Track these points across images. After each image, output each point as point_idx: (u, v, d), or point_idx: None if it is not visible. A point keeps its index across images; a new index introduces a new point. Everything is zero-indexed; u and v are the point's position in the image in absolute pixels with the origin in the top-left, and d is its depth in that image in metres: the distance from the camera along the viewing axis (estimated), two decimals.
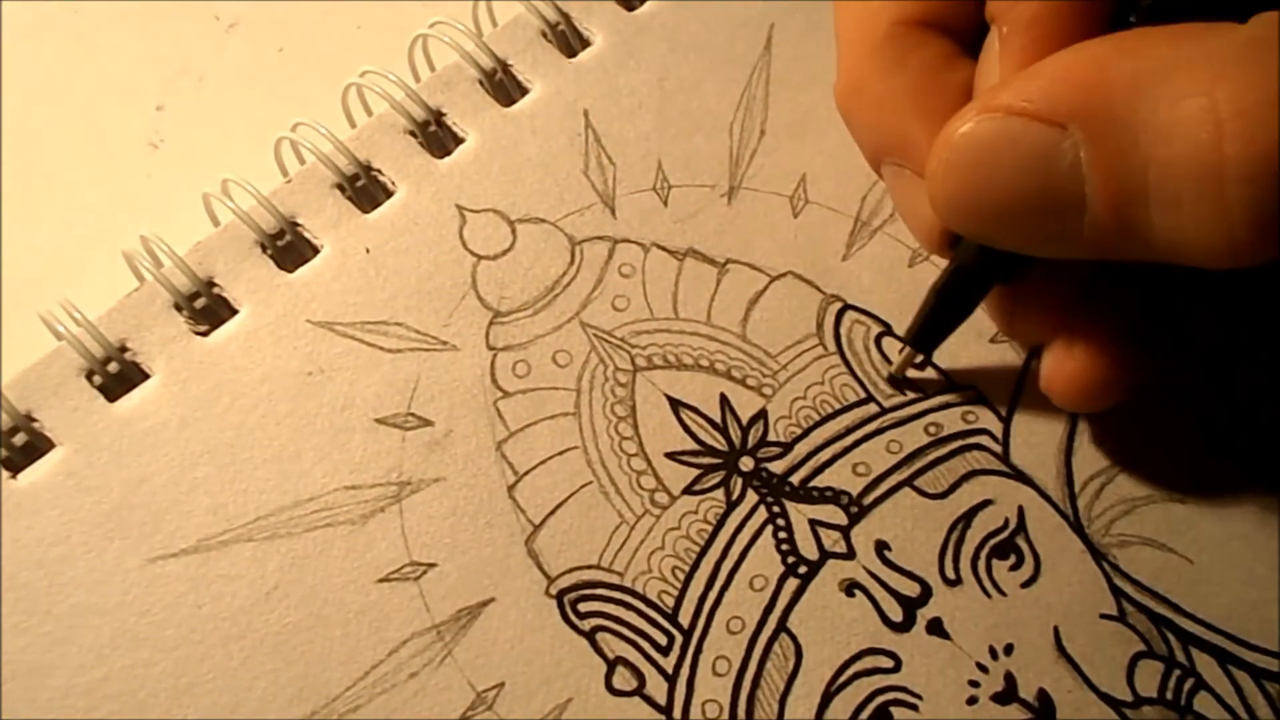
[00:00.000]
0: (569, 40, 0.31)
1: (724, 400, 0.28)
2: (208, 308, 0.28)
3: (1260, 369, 0.28)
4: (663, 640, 0.26)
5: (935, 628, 0.26)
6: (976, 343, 0.28)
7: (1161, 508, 0.27)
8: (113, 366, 0.27)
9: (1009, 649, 0.26)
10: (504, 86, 0.31)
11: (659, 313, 0.28)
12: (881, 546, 0.26)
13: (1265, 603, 0.26)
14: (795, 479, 0.27)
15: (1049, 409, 0.27)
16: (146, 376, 0.27)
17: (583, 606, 0.26)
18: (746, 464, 0.27)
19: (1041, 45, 0.22)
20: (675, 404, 0.27)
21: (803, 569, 0.26)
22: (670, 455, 0.27)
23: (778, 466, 0.27)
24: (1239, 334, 0.29)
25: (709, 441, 0.27)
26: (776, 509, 0.27)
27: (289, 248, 0.28)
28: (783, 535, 0.27)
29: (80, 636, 0.24)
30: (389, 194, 0.29)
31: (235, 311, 0.27)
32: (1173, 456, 0.28)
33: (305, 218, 0.28)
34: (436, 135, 0.30)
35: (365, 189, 0.29)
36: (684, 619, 0.26)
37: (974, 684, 0.25)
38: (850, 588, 0.26)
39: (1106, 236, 0.21)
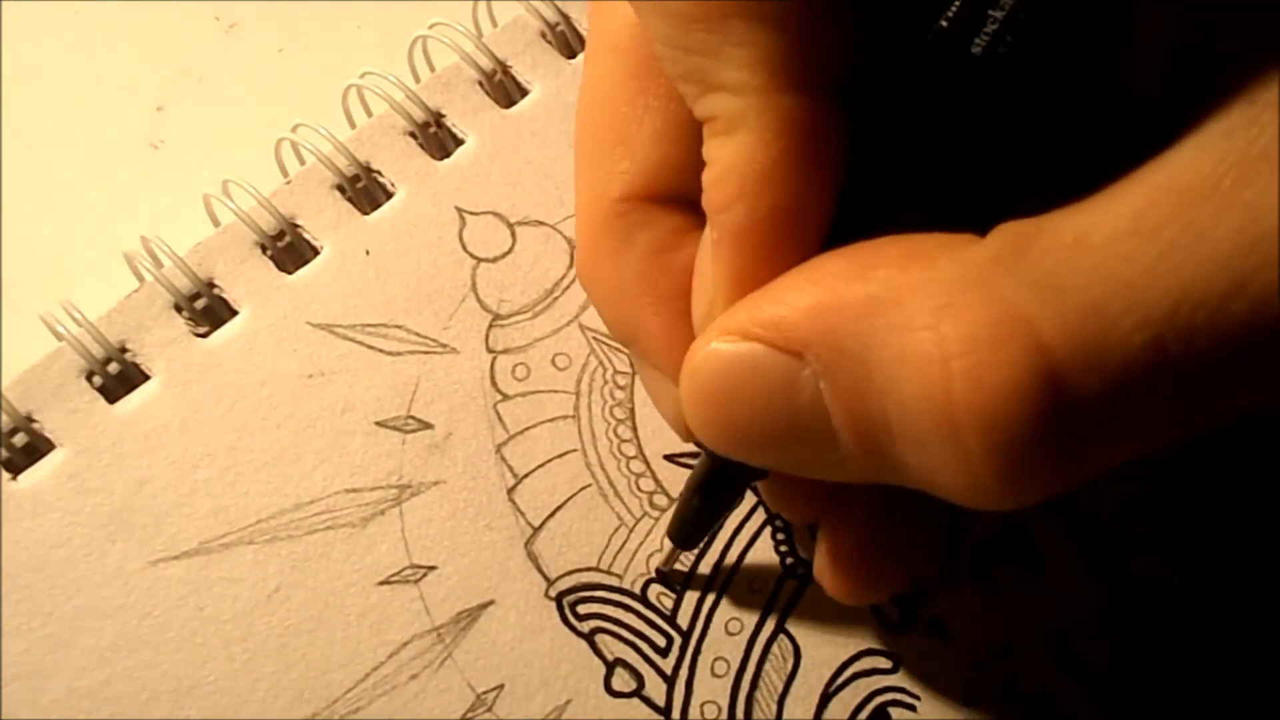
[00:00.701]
0: (569, 41, 0.31)
1: None
2: (208, 309, 0.28)
3: None
4: (661, 642, 0.26)
5: (934, 628, 0.26)
6: None
7: (1161, 508, 0.27)
8: (113, 367, 0.27)
9: (1007, 649, 0.26)
10: (504, 88, 0.31)
11: None
12: None
13: (1264, 603, 0.26)
14: None
15: None
16: (147, 378, 0.27)
17: (582, 608, 0.26)
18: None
19: (753, 256, 0.20)
20: None
21: (801, 570, 0.26)
22: (669, 458, 0.27)
23: None
24: None
25: None
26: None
27: (289, 249, 0.28)
28: (781, 537, 0.27)
29: (81, 639, 0.24)
30: (389, 195, 0.29)
31: (235, 312, 0.27)
32: (1172, 456, 0.28)
33: (305, 219, 0.28)
34: (436, 136, 0.30)
35: (365, 190, 0.29)
36: (683, 621, 0.26)
37: (972, 684, 0.26)
38: None
39: (865, 469, 0.19)
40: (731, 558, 0.26)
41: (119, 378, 0.27)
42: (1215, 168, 0.16)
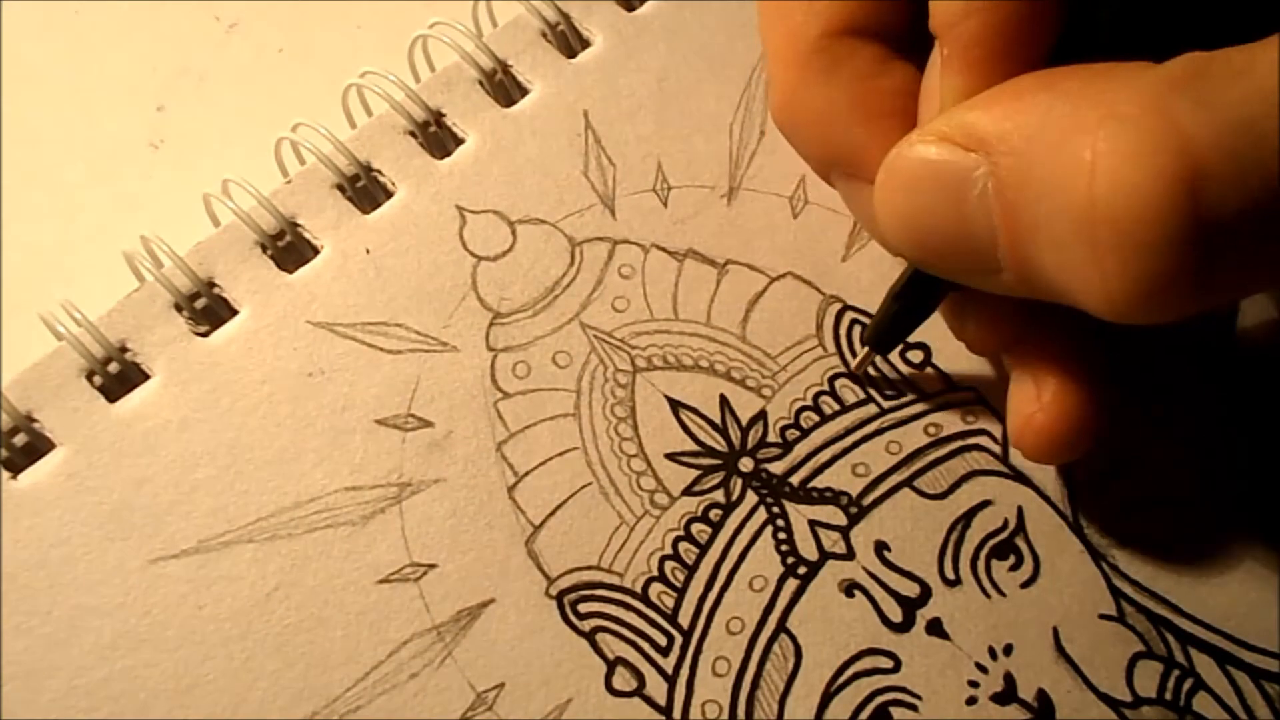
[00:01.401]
0: (569, 41, 0.31)
1: (724, 401, 0.28)
2: (208, 308, 0.28)
3: (1260, 366, 0.28)
4: (662, 641, 0.26)
5: (935, 628, 0.26)
6: None
7: (1161, 508, 0.27)
8: (113, 367, 0.27)
9: (1008, 649, 0.26)
10: (504, 87, 0.31)
11: (659, 314, 0.28)
12: (881, 547, 0.26)
13: (1265, 603, 0.26)
14: (795, 480, 0.27)
15: None
16: (147, 377, 0.27)
17: (583, 607, 0.26)
18: (746, 465, 0.27)
19: (980, 68, 0.21)
20: (675, 405, 0.27)
21: (802, 569, 0.26)
22: (670, 456, 0.27)
23: (777, 467, 0.27)
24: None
25: (709, 442, 0.27)
26: (776, 510, 0.27)
27: (289, 248, 0.28)
28: (782, 536, 0.27)
29: (81, 638, 0.24)
30: (389, 195, 0.29)
31: (235, 312, 0.27)
32: (1172, 456, 0.28)
33: (305, 218, 0.28)
34: (436, 136, 0.30)
35: (365, 189, 0.29)
36: (684, 620, 0.26)
37: (973, 684, 0.26)
38: (850, 588, 0.26)
39: (1017, 278, 0.21)
40: (732, 557, 0.26)
41: (119, 377, 0.27)
42: None
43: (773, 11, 0.26)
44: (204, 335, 0.27)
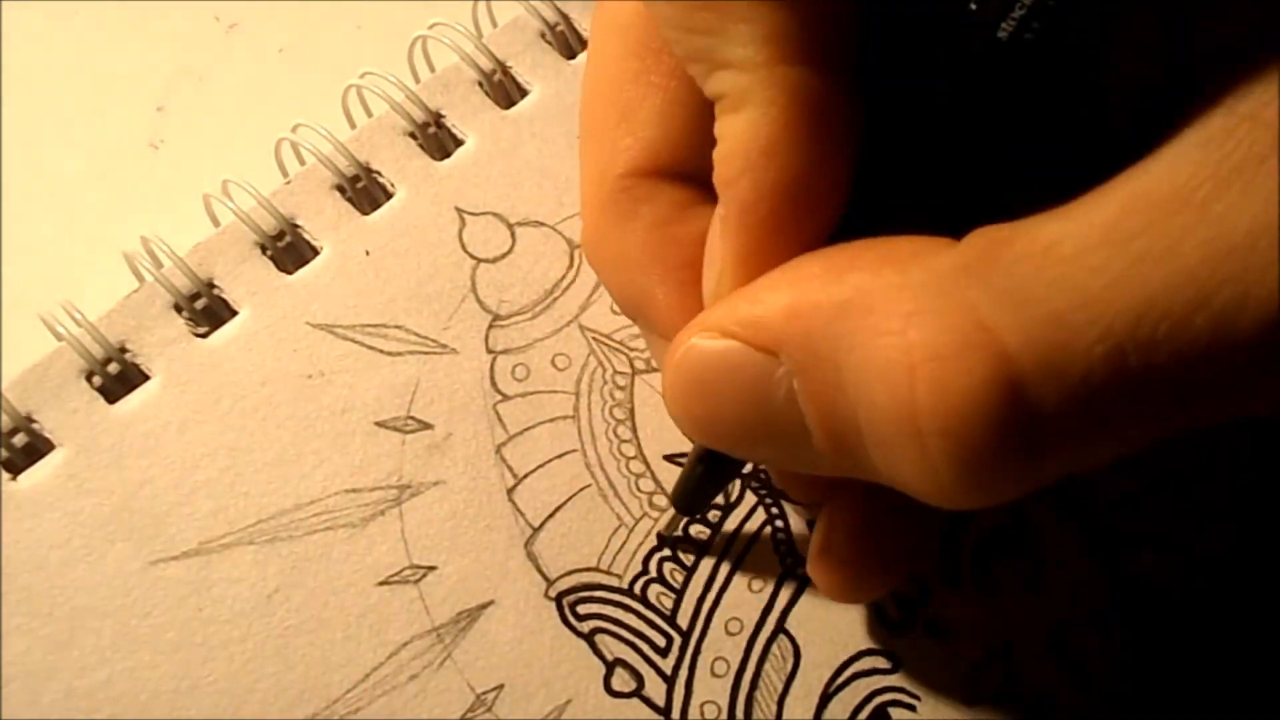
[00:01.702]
0: (568, 42, 0.31)
1: None
2: (208, 309, 0.28)
3: None
4: (661, 642, 0.26)
5: (934, 628, 0.26)
6: None
7: (1163, 506, 0.27)
8: (113, 368, 0.27)
9: (1007, 649, 0.26)
10: (503, 88, 0.31)
11: None
12: None
13: (1266, 602, 0.26)
14: None
15: None
16: (146, 378, 0.27)
17: (582, 609, 0.26)
18: (745, 465, 0.27)
19: (759, 232, 0.20)
20: None
21: (801, 570, 0.26)
22: (669, 458, 0.27)
23: None
24: None
25: None
26: (775, 510, 0.27)
27: (289, 249, 0.28)
28: (781, 536, 0.27)
29: (81, 639, 0.24)
30: (389, 196, 0.29)
31: (235, 313, 0.27)
32: (1173, 454, 0.28)
33: (305, 219, 0.28)
34: (436, 137, 0.30)
35: (365, 190, 0.29)
36: (682, 620, 0.26)
37: (972, 684, 0.26)
38: None
39: (838, 466, 0.20)
40: (731, 557, 0.26)
41: (119, 378, 0.27)
42: (1190, 179, 0.16)
43: (588, 138, 0.25)
44: (203, 336, 0.27)
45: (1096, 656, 0.26)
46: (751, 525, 0.27)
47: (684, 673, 0.25)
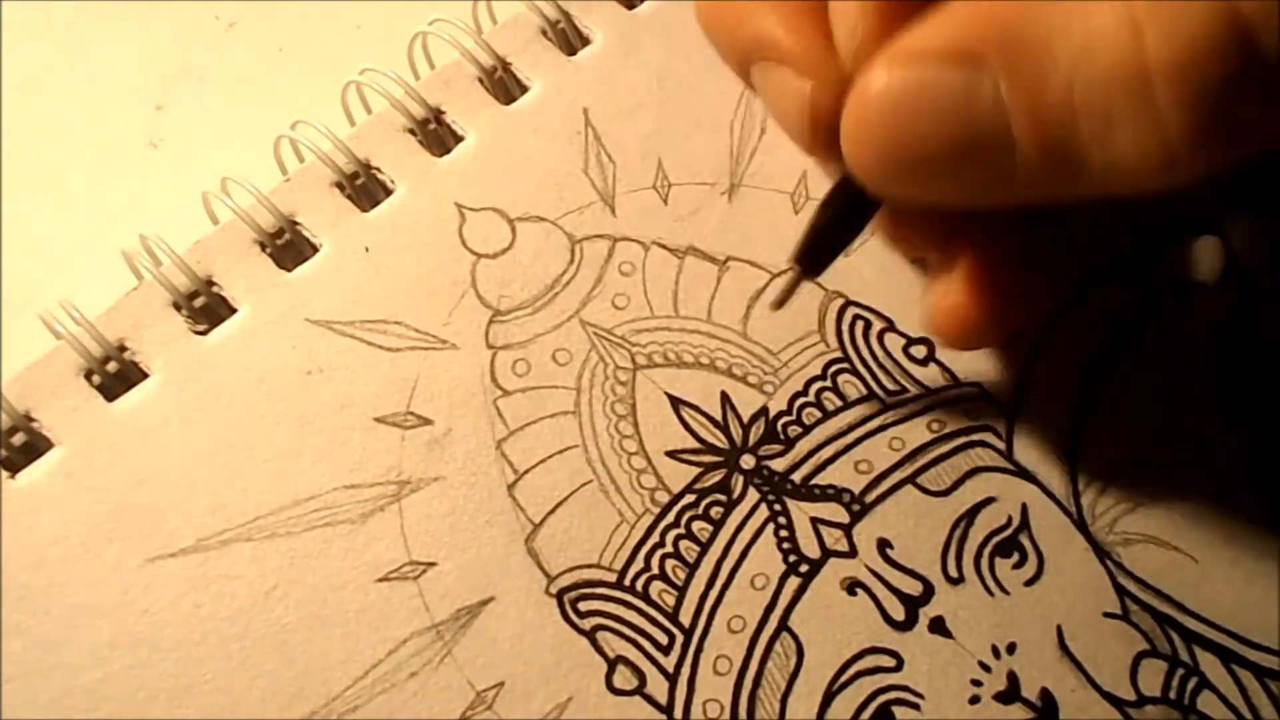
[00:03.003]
0: (569, 38, 0.31)
1: (725, 398, 0.27)
2: (207, 306, 0.28)
3: (1262, 362, 0.28)
4: (663, 639, 0.25)
5: (937, 626, 0.26)
6: None
7: (1165, 506, 0.27)
8: (112, 366, 0.27)
9: (1011, 648, 0.26)
10: (504, 84, 0.30)
11: (659, 311, 0.28)
12: (883, 544, 0.26)
13: (1269, 601, 0.26)
14: (797, 477, 0.27)
15: (1053, 406, 0.27)
16: (145, 376, 0.27)
17: (583, 605, 0.26)
18: (748, 462, 0.27)
19: None
20: (676, 402, 0.27)
21: (804, 567, 0.26)
22: (671, 453, 0.27)
23: (779, 464, 0.27)
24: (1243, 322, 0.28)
25: (710, 440, 0.27)
26: (778, 507, 0.27)
27: (288, 246, 0.28)
28: (784, 533, 0.26)
29: (79, 637, 0.24)
30: (388, 192, 0.29)
31: (234, 310, 0.27)
32: (1177, 454, 0.28)
33: (304, 216, 0.28)
34: (436, 133, 0.30)
35: (365, 187, 0.29)
36: (685, 618, 0.26)
37: (976, 683, 0.25)
38: (852, 586, 0.26)
39: (1040, 174, 0.20)
40: (734, 555, 0.26)
41: (118, 376, 0.27)
42: None
43: None
44: (203, 334, 0.27)
45: (1100, 655, 0.26)
46: (754, 523, 0.27)
47: (686, 670, 0.25)
